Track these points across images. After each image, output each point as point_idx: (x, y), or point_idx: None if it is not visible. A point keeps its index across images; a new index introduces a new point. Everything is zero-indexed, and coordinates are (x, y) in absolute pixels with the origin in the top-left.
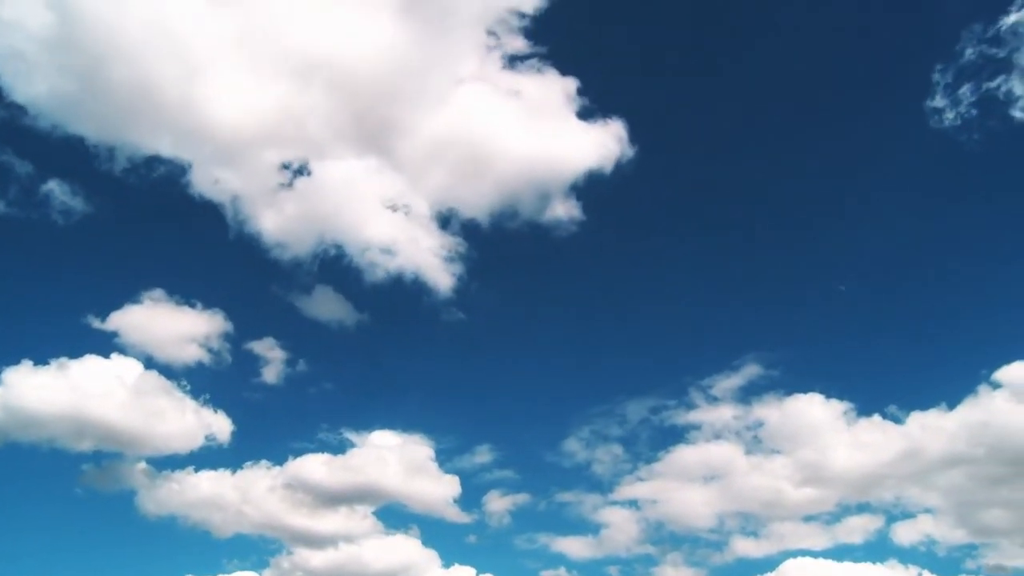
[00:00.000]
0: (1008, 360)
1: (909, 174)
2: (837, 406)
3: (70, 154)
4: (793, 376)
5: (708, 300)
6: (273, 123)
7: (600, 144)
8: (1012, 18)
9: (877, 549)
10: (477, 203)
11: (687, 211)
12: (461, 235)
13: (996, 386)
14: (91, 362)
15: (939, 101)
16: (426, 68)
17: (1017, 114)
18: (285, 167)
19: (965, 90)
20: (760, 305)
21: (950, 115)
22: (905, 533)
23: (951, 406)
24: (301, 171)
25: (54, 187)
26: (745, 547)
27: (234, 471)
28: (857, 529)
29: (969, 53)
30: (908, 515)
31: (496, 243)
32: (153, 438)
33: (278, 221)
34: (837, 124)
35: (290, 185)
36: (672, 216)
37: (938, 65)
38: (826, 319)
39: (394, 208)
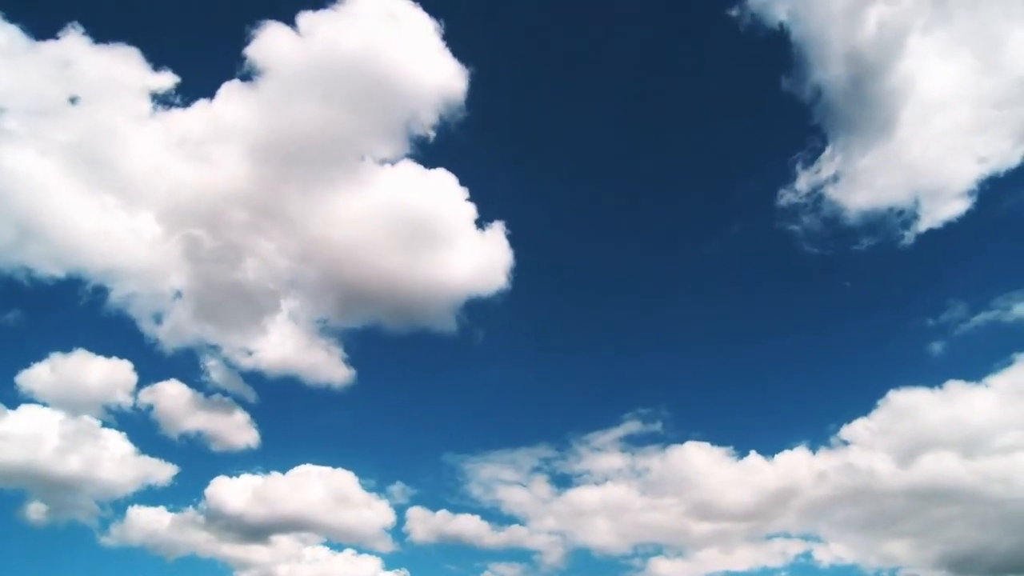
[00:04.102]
0: (849, 419)
1: (764, 261)
2: (718, 451)
3: None
4: (669, 429)
5: (588, 370)
6: (149, 251)
7: (484, 247)
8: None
9: (802, 570)
10: (362, 310)
11: (562, 316)
12: (343, 337)
13: (846, 442)
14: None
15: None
16: (289, 191)
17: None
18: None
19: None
20: (635, 373)
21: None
22: (822, 556)
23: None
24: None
25: None
26: (670, 569)
27: (172, 508)
28: (776, 553)
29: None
30: (818, 540)
31: (381, 343)
32: (91, 481)
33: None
34: (703, 222)
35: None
36: (548, 317)
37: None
38: (693, 383)
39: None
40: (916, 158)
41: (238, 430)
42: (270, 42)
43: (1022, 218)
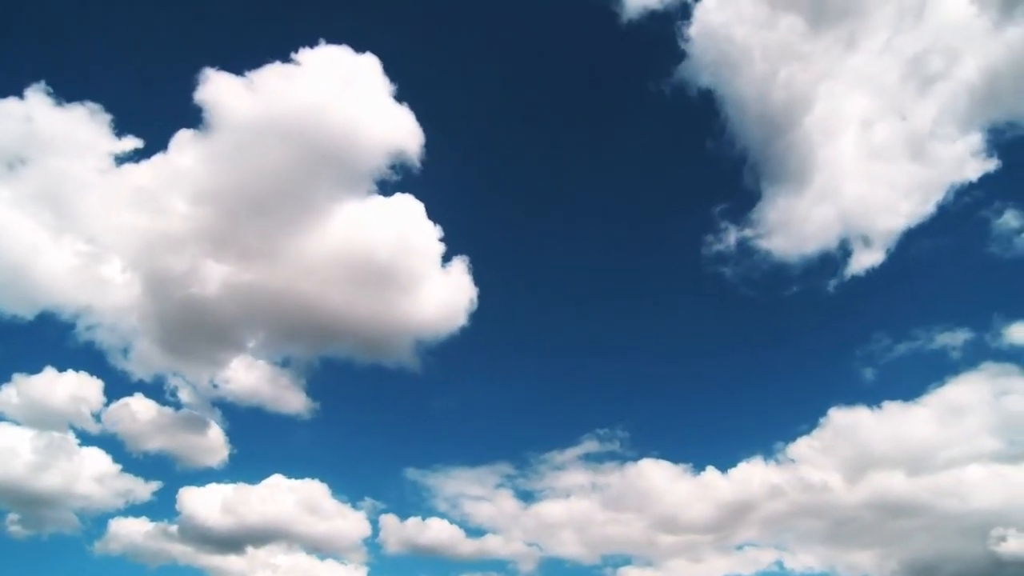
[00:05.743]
0: (794, 437)
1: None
2: (675, 467)
3: None
4: (627, 448)
5: (545, 394)
6: (116, 292)
7: (446, 282)
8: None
9: None
10: (324, 346)
11: (520, 345)
12: (306, 372)
13: (794, 460)
14: None
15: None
16: (252, 234)
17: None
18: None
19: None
20: (592, 398)
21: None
22: (791, 566)
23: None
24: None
25: None
26: None
27: (151, 520)
28: (749, 561)
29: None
30: (785, 550)
31: (344, 377)
32: (70, 495)
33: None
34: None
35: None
36: (506, 346)
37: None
38: (647, 405)
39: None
40: (838, 209)
41: (210, 446)
42: (230, 93)
43: (934, 260)
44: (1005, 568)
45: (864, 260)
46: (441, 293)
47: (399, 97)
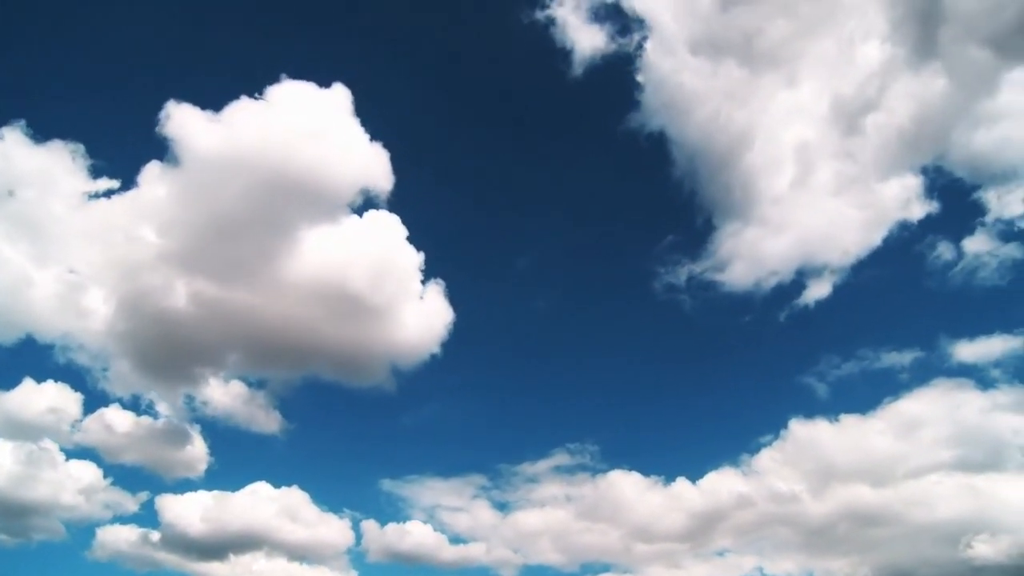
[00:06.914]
0: (756, 450)
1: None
2: (645, 479)
3: None
4: (597, 460)
5: (517, 411)
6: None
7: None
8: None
9: None
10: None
11: (493, 361)
12: (280, 393)
13: (756, 471)
14: None
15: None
16: (229, 263)
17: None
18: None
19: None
20: (561, 414)
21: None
22: (770, 572)
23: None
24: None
25: None
26: None
27: (136, 529)
28: (731, 566)
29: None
30: (762, 556)
31: (318, 398)
32: (56, 506)
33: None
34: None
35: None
36: (479, 367)
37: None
38: (616, 420)
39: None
40: (787, 242)
41: (190, 457)
42: (198, 127)
43: (876, 290)
44: (979, 573)
45: (813, 291)
46: (417, 317)
47: (370, 130)
